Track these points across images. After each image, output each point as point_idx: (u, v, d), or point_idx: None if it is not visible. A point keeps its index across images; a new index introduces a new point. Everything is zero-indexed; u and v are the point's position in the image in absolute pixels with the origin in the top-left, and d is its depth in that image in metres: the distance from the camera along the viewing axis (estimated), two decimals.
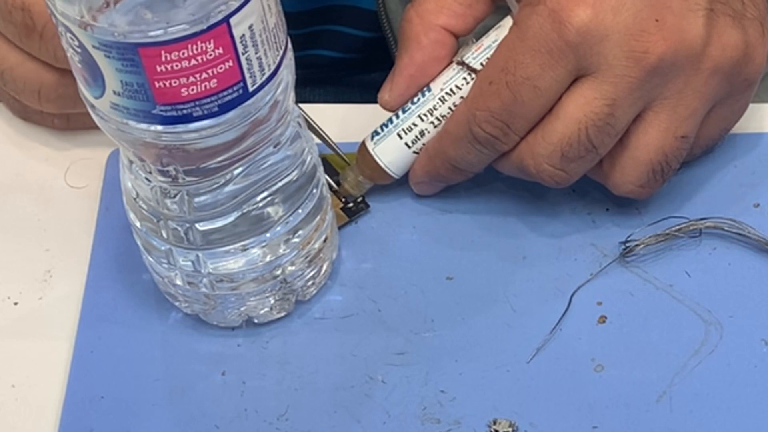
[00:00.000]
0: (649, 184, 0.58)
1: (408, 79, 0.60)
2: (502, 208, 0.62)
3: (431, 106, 0.59)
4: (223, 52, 0.48)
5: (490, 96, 0.57)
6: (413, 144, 0.60)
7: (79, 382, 0.57)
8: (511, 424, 0.55)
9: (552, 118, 0.57)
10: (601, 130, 0.56)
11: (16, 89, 0.63)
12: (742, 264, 0.59)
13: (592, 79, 0.56)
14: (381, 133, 0.61)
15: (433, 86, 0.59)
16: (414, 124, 0.60)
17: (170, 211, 0.54)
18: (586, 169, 0.58)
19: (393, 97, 0.60)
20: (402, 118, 0.60)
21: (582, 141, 0.56)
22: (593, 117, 0.56)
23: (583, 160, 0.57)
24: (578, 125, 0.56)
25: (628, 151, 0.58)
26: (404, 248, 0.61)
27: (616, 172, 0.58)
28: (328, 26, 0.82)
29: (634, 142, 0.57)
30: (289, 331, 0.59)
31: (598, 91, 0.56)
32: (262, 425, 0.56)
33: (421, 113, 0.59)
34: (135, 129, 0.50)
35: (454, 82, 0.59)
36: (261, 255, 0.56)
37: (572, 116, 0.56)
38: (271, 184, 0.55)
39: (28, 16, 0.59)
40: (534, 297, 0.59)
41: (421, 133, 0.60)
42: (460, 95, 0.59)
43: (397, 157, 0.60)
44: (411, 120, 0.60)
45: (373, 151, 0.61)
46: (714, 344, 0.57)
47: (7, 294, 0.61)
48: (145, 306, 0.60)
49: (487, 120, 0.57)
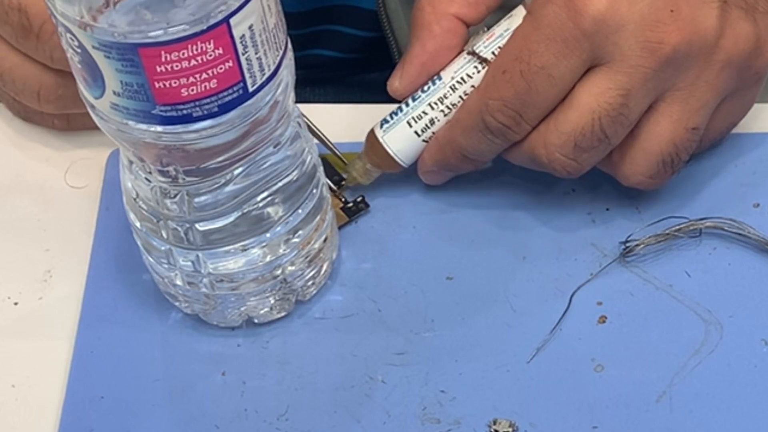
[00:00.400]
0: (658, 176, 0.58)
1: (419, 67, 0.60)
2: (502, 208, 0.62)
3: (442, 95, 0.59)
4: (223, 53, 0.48)
5: (503, 85, 0.56)
6: (423, 132, 0.60)
7: (79, 382, 0.57)
8: (511, 424, 0.55)
9: (565, 108, 0.57)
10: (614, 120, 0.56)
11: (16, 90, 0.63)
12: (742, 264, 0.59)
13: (606, 68, 0.56)
14: (390, 121, 0.60)
15: (444, 75, 0.59)
16: (424, 113, 0.59)
17: (170, 211, 0.54)
18: (597, 160, 0.58)
19: (403, 85, 0.60)
20: (412, 106, 0.60)
21: (595, 131, 0.56)
22: (607, 107, 0.56)
23: (596, 150, 0.57)
24: (592, 115, 0.56)
25: (639, 142, 0.58)
26: (404, 248, 0.61)
27: (626, 162, 0.58)
28: (328, 26, 0.82)
29: (645, 133, 0.57)
30: (289, 331, 0.59)
31: (612, 80, 0.56)
32: (262, 425, 0.56)
33: (431, 101, 0.59)
34: (135, 129, 0.50)
35: (465, 71, 0.59)
36: (261, 255, 0.56)
37: (586, 106, 0.56)
38: (271, 184, 0.55)
39: (25, 17, 0.59)
40: (534, 297, 0.59)
41: (431, 122, 0.59)
42: (470, 84, 0.59)
43: (407, 145, 0.60)
44: (421, 108, 0.60)
45: (382, 138, 0.60)
46: (714, 344, 0.57)
47: (7, 294, 0.61)
48: (145, 306, 0.60)
49: (499, 109, 0.57)
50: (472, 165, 0.60)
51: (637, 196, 0.61)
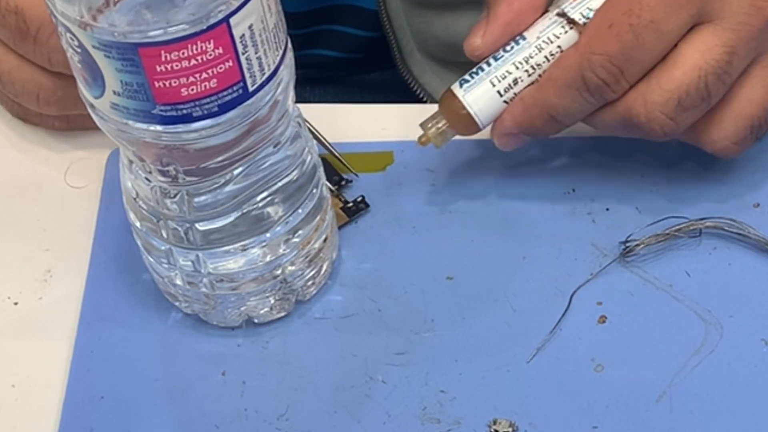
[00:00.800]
0: (744, 142, 0.58)
1: (503, 26, 0.58)
2: (502, 208, 0.62)
3: (527, 54, 0.58)
4: (223, 52, 0.48)
5: (609, 39, 0.56)
6: (505, 92, 0.59)
7: (79, 382, 0.57)
8: (511, 424, 0.55)
9: (669, 65, 0.56)
10: (719, 78, 0.55)
11: (15, 92, 0.63)
12: (742, 264, 0.59)
13: (712, 26, 0.55)
14: (471, 80, 0.59)
15: (528, 35, 0.58)
16: (508, 72, 0.58)
17: (170, 211, 0.54)
18: (693, 120, 0.57)
19: (485, 44, 0.59)
20: (494, 65, 0.59)
21: (700, 89, 0.56)
22: (714, 64, 0.55)
23: (697, 109, 0.56)
24: (698, 72, 0.55)
25: (730, 106, 0.57)
26: (404, 248, 0.61)
27: (714, 126, 0.58)
28: (329, 26, 0.82)
29: (738, 96, 0.57)
30: (289, 331, 0.59)
31: (719, 38, 0.55)
32: (262, 425, 0.56)
33: (515, 61, 0.58)
34: (135, 129, 0.50)
35: (552, 32, 0.58)
36: (261, 255, 0.56)
37: (693, 63, 0.55)
38: (271, 184, 0.55)
39: (22, 20, 0.59)
40: (534, 297, 0.59)
41: (514, 82, 0.58)
42: (557, 45, 0.58)
43: (488, 105, 0.59)
44: (505, 68, 0.58)
45: (462, 98, 0.59)
46: (714, 344, 0.57)
47: (7, 294, 0.61)
48: (145, 306, 0.60)
49: (602, 64, 0.56)
50: (555, 128, 0.59)
51: (637, 197, 0.61)
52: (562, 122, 0.58)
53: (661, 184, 0.62)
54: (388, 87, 0.82)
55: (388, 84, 0.82)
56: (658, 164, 0.63)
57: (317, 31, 0.82)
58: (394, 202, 0.63)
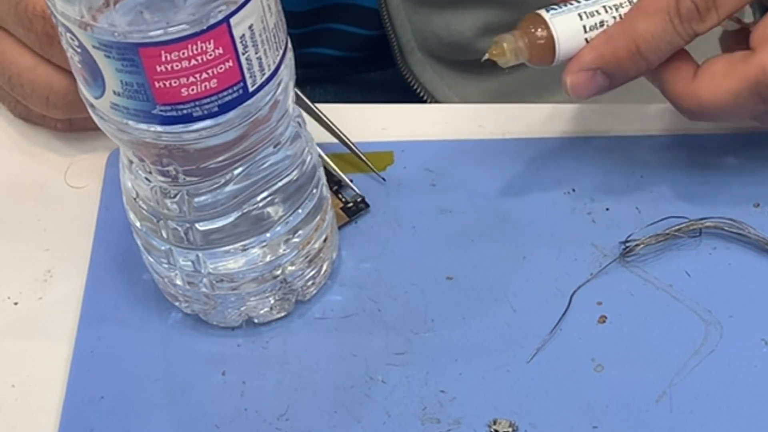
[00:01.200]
0: None
1: None
2: (502, 208, 0.62)
3: (618, 2, 0.58)
4: (223, 52, 0.48)
5: None
6: (590, 30, 0.58)
7: (79, 382, 0.57)
8: (511, 424, 0.55)
9: None
10: None
11: (24, 94, 0.63)
12: (742, 264, 0.59)
13: None
14: (559, 9, 0.58)
15: None
16: (597, 12, 0.58)
17: (170, 211, 0.54)
18: None
19: None
20: (585, 3, 0.58)
21: None
22: None
23: None
24: None
25: None
26: (404, 248, 0.61)
27: None
28: (329, 24, 0.82)
29: None
30: (289, 331, 0.59)
31: None
32: (262, 425, 0.56)
33: (606, 4, 0.58)
34: (135, 129, 0.50)
35: None
36: (261, 255, 0.56)
37: None
38: (271, 184, 0.55)
39: (49, 24, 0.59)
40: (534, 297, 0.59)
41: (600, 23, 0.58)
42: None
43: (570, 35, 0.58)
44: (595, 7, 0.58)
45: (549, 20, 0.58)
46: (714, 344, 0.57)
47: (7, 294, 0.61)
48: (145, 306, 0.60)
49: None
50: (636, 66, 0.57)
51: (637, 196, 0.61)
52: (646, 57, 0.57)
53: (661, 184, 0.62)
54: (388, 86, 0.82)
55: (389, 83, 0.82)
56: (658, 164, 0.63)
57: (317, 30, 0.82)
58: (394, 202, 0.63)
